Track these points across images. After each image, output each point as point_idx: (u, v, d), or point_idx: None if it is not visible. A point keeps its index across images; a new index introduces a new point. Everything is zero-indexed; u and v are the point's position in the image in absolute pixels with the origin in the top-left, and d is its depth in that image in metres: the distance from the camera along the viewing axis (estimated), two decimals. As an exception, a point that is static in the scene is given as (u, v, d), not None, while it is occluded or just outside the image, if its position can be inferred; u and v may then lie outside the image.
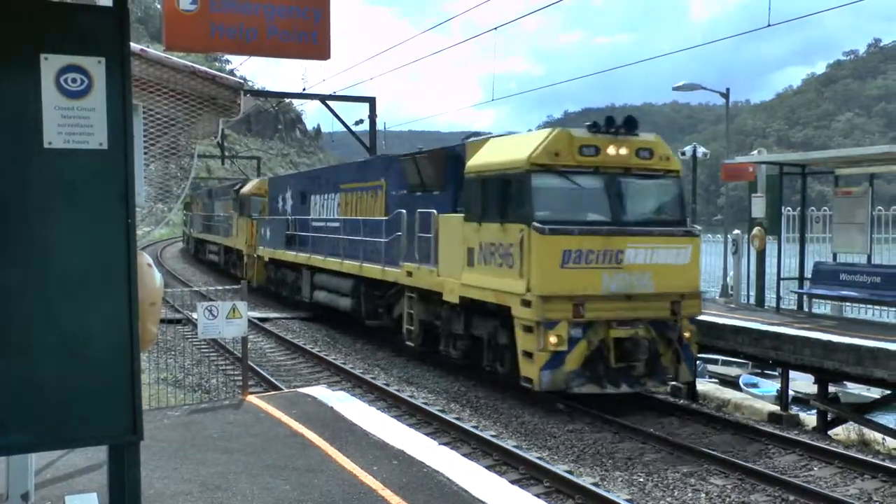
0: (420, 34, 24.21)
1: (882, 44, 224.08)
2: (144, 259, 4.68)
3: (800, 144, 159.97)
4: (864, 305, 16.77)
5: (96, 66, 3.49)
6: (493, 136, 15.07)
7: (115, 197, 3.58)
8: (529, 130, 16.42)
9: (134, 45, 4.38)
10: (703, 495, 9.25)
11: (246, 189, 32.10)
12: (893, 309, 15.97)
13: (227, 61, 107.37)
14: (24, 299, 3.45)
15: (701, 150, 25.85)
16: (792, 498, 9.05)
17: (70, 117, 3.48)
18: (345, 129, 35.93)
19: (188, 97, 5.57)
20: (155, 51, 5.30)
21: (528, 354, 12.27)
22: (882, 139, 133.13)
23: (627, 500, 8.95)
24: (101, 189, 3.55)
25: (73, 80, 3.48)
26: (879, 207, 16.89)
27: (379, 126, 35.75)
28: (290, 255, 24.58)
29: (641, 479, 9.80)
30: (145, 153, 5.48)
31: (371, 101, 34.33)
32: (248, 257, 30.23)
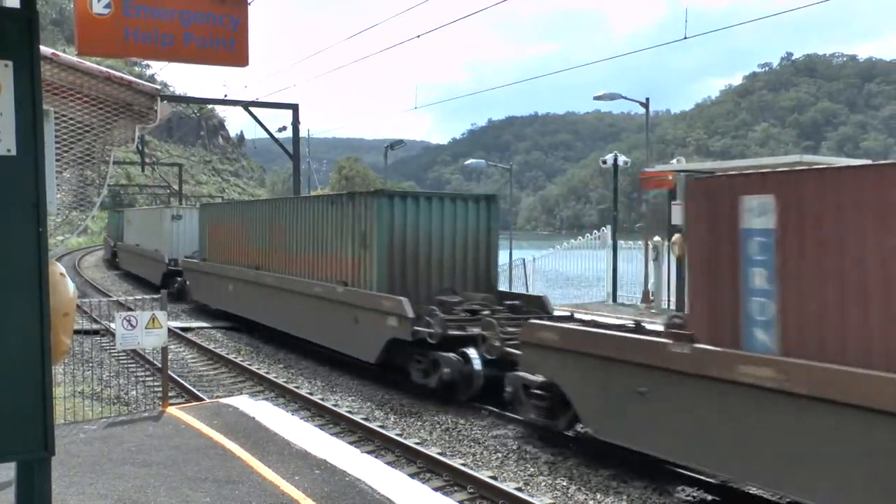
0: (344, 41, 24.03)
1: (793, 57, 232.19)
2: (57, 268, 4.57)
3: (718, 153, 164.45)
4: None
5: (3, 70, 3.40)
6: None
7: (25, 205, 3.48)
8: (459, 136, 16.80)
9: (45, 49, 4.28)
10: (626, 497, 9.41)
11: None
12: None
13: (147, 66, 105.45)
14: (-73, 311, 3.33)
15: (622, 159, 26.31)
16: (710, 498, 9.27)
17: None
18: (268, 136, 35.59)
19: (103, 103, 5.45)
20: (69, 55, 5.18)
21: None
22: (795, 149, 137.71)
23: (550, 505, 9.06)
24: (10, 196, 3.45)
25: (-22, 84, 3.38)
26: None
27: (302, 133, 35.49)
28: None
29: (565, 483, 9.91)
30: (58, 160, 5.34)
31: (294, 108, 34.07)
32: None
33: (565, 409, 10.78)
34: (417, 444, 11.31)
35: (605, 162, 26.74)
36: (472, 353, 13.40)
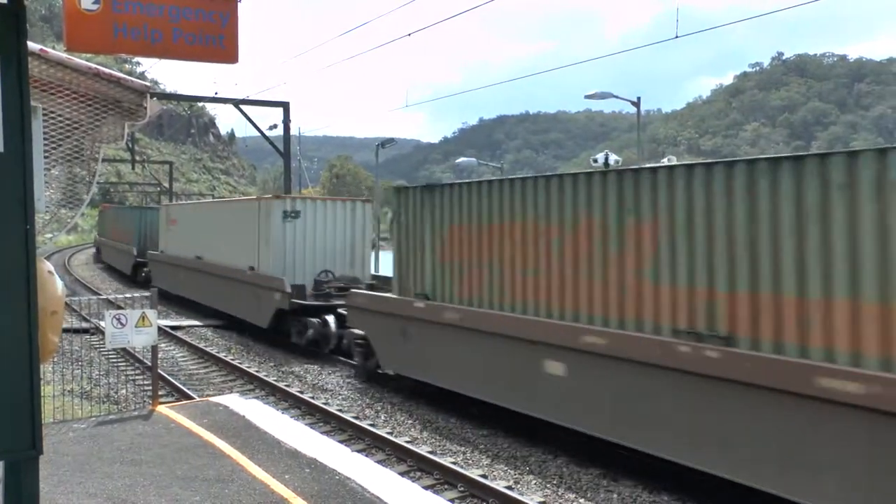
0: (335, 38, 24.04)
1: (784, 57, 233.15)
2: (45, 266, 4.53)
3: (709, 152, 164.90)
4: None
5: None
6: None
7: (13, 202, 3.45)
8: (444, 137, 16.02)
9: (32, 45, 4.24)
10: (616, 496, 9.41)
11: None
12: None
13: (138, 63, 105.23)
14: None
15: (613, 158, 26.33)
16: (700, 495, 9.28)
17: None
18: (258, 134, 35.53)
19: (92, 100, 5.40)
20: (57, 51, 5.14)
21: None
22: (785, 148, 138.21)
23: (541, 503, 9.05)
24: None
25: (-36, 80, 3.35)
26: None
27: (293, 130, 35.42)
28: None
29: (555, 482, 9.91)
30: (46, 157, 5.30)
31: (285, 106, 34.00)
32: None
33: None
34: (408, 442, 11.30)
35: (595, 161, 26.74)
36: None
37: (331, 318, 17.88)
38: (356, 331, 15.79)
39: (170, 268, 28.88)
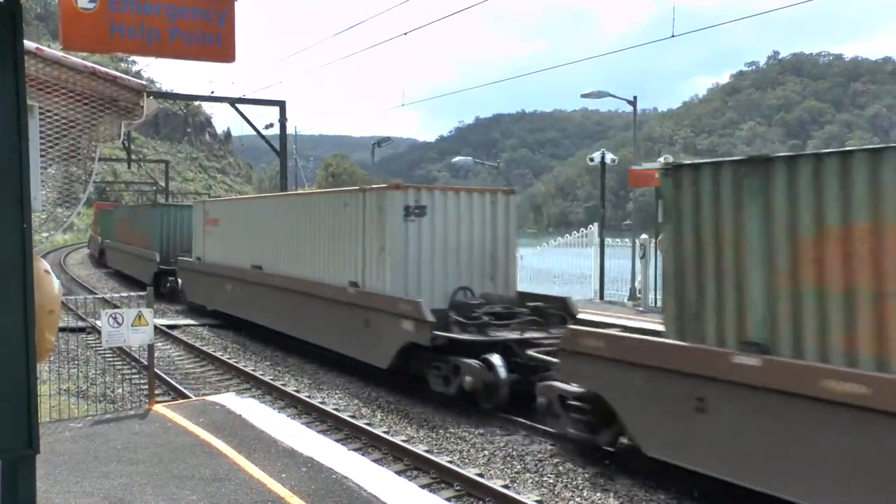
0: (331, 37, 24.00)
1: (780, 56, 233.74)
2: (41, 265, 4.53)
3: (705, 151, 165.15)
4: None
5: None
6: None
7: (9, 201, 3.45)
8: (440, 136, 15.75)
9: (29, 44, 4.24)
10: (612, 495, 9.42)
11: None
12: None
13: (134, 62, 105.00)
14: None
15: (609, 157, 26.33)
16: (696, 494, 9.29)
17: None
18: (255, 133, 35.50)
19: (88, 98, 5.41)
20: (53, 50, 5.14)
21: None
22: (781, 147, 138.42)
23: (537, 502, 9.05)
24: None
25: (-39, 79, 3.35)
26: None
27: (289, 129, 35.41)
28: None
29: (551, 481, 9.92)
30: (43, 156, 5.30)
31: (281, 105, 33.98)
32: None
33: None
34: (404, 441, 11.30)
35: (592, 160, 26.75)
36: None
37: (497, 359, 12.70)
38: (569, 387, 10.76)
39: (210, 279, 23.49)
